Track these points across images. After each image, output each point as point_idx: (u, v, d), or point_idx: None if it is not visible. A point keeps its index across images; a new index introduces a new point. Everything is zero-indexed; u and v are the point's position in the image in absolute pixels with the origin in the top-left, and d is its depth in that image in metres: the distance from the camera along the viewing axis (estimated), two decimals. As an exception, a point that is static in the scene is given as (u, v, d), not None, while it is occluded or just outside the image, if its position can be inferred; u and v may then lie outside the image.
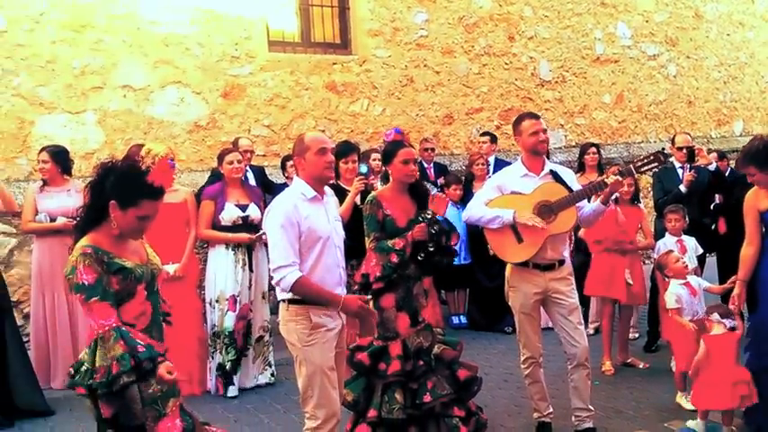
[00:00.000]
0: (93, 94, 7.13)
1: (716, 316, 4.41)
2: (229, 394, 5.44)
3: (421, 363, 4.03)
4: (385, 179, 6.53)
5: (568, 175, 4.45)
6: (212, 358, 5.56)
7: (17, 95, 6.82)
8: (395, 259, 3.95)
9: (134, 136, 7.13)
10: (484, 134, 8.05)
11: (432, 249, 4.06)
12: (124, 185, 2.77)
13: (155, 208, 2.83)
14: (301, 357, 3.43)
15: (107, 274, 2.77)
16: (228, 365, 5.47)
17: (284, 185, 6.24)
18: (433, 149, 7.94)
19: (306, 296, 3.41)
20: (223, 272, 5.49)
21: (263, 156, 7.85)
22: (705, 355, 4.33)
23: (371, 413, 4.00)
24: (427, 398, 3.97)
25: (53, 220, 5.64)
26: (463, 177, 7.49)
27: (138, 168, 2.82)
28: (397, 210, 4.09)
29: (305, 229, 3.40)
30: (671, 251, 5.28)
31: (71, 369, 2.84)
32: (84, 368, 2.73)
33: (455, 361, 4.15)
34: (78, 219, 2.95)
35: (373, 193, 4.37)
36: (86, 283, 2.72)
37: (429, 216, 4.05)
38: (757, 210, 4.38)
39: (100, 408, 2.78)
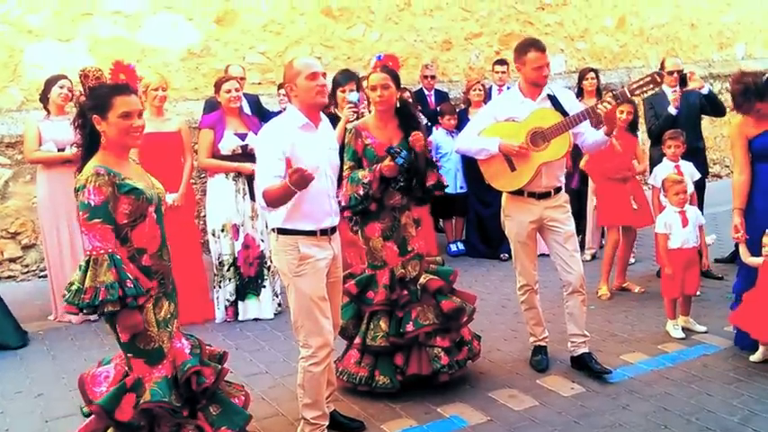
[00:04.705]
0: (82, 20, 6.97)
1: None
2: (240, 318, 5.56)
3: (405, 292, 4.07)
4: None
5: (568, 98, 4.35)
6: (219, 287, 5.58)
7: (5, 23, 6.68)
8: (361, 191, 3.96)
9: (126, 64, 7.01)
10: (500, 63, 7.67)
11: (402, 184, 4.02)
12: (94, 97, 2.92)
13: (131, 102, 2.90)
14: (292, 287, 3.43)
15: (116, 196, 2.82)
16: (234, 294, 5.57)
17: (279, 114, 6.14)
18: (433, 77, 7.78)
19: (275, 201, 3.26)
20: (223, 201, 5.46)
21: (259, 84, 7.74)
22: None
23: (357, 340, 4.10)
24: (410, 327, 4.02)
25: (61, 149, 5.49)
26: (462, 105, 7.37)
27: (101, 80, 3.02)
28: (382, 137, 4.05)
29: (291, 159, 3.28)
30: (682, 181, 5.17)
31: (65, 290, 2.89)
32: (74, 287, 2.79)
33: (441, 291, 4.15)
34: (77, 147, 3.06)
35: (354, 122, 4.31)
36: (93, 203, 2.78)
37: (398, 150, 3.91)
38: (746, 137, 4.40)
39: (118, 332, 2.89)
